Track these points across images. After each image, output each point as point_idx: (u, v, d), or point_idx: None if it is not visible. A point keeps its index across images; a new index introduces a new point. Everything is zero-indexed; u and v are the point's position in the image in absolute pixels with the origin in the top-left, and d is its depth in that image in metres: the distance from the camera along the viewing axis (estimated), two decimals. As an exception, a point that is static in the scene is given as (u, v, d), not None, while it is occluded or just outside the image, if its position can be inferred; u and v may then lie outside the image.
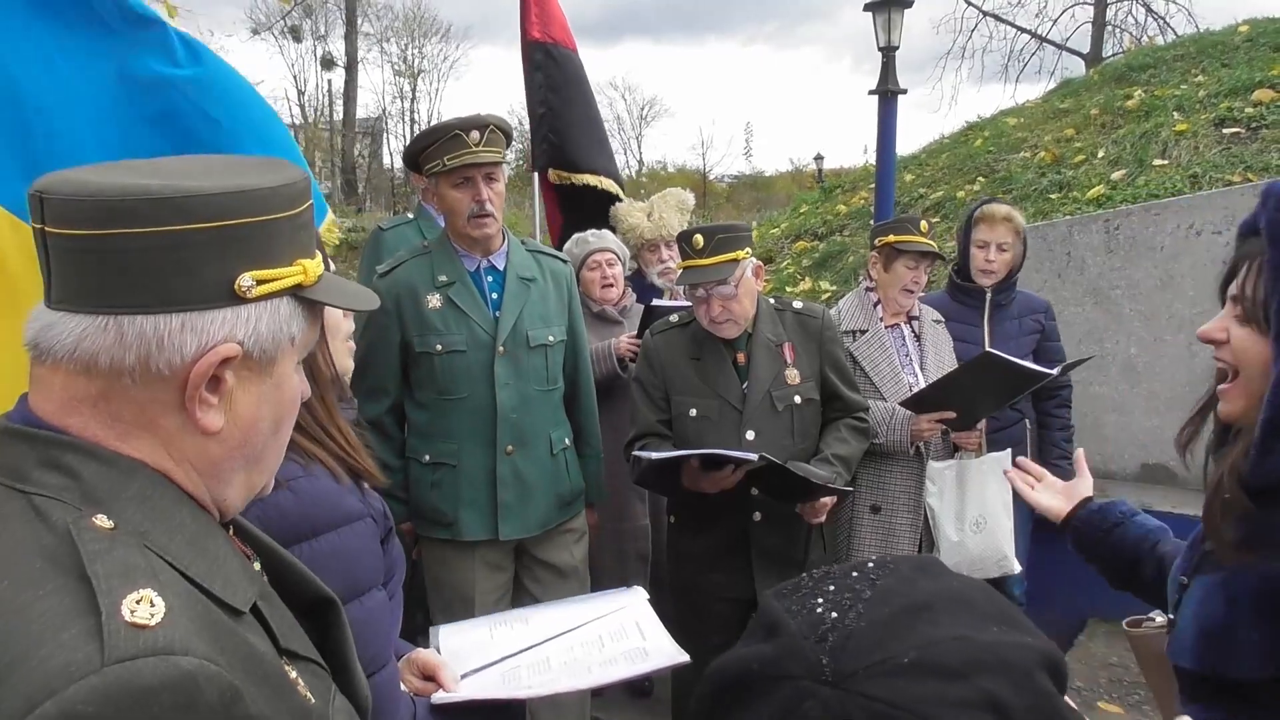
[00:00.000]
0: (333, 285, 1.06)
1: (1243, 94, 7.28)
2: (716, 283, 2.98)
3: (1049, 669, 0.73)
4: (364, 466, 1.64)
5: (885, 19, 6.93)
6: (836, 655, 0.69)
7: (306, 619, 1.11)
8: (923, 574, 0.78)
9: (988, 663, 0.69)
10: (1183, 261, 4.81)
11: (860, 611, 0.72)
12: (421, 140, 3.15)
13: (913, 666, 0.68)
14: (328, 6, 40.41)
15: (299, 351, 1.04)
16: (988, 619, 0.74)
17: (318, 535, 1.54)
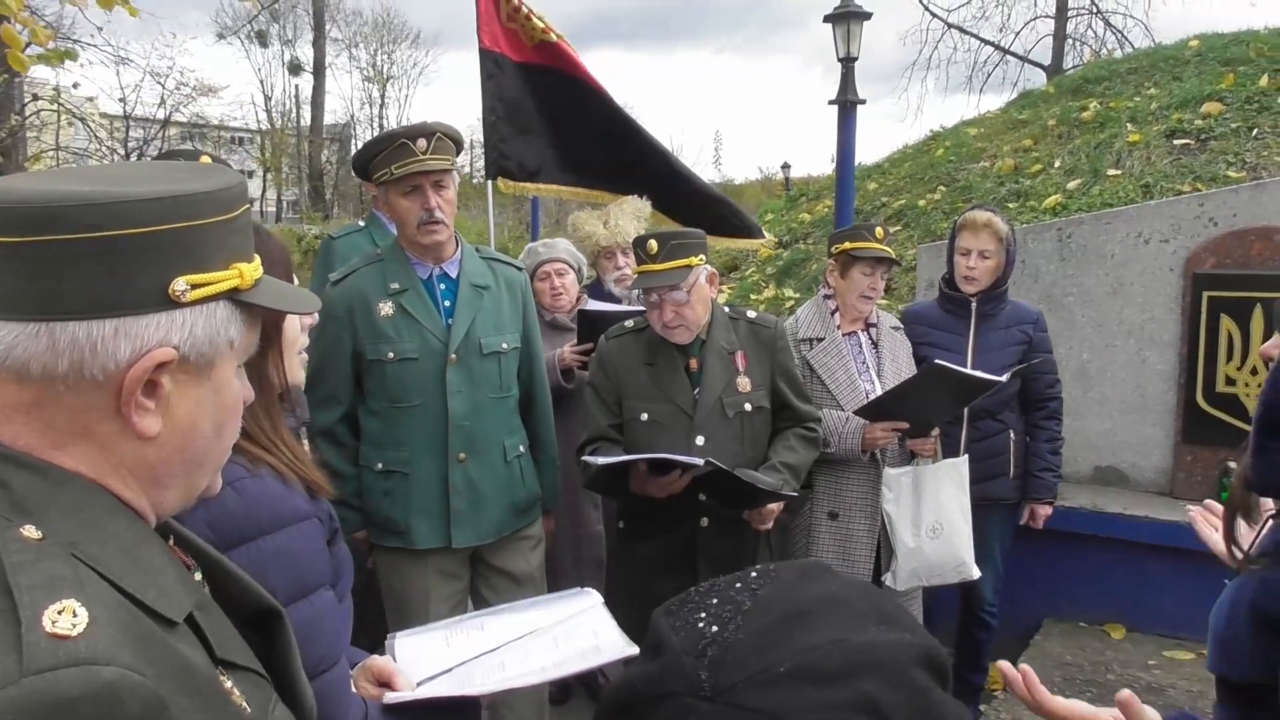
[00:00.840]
0: (271, 289, 1.07)
1: (1193, 106, 7.43)
2: (669, 288, 3.02)
3: (927, 664, 0.74)
4: (310, 477, 1.64)
5: (845, 30, 7.01)
6: (715, 669, 0.70)
7: (251, 629, 1.11)
8: (804, 579, 0.79)
9: (864, 664, 0.70)
10: (1132, 269, 4.90)
11: (739, 624, 0.73)
12: (369, 149, 3.15)
13: (790, 675, 0.69)
14: (295, 11, 40.25)
15: (239, 355, 1.04)
16: (866, 619, 0.75)
17: (264, 535, 1.54)
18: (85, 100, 23.93)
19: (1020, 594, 4.37)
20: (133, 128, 28.13)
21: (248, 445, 1.55)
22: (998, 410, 3.96)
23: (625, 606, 3.46)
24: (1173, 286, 4.79)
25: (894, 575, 3.59)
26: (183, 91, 27.35)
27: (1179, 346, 4.78)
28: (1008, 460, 3.99)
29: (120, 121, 27.35)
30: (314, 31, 40.28)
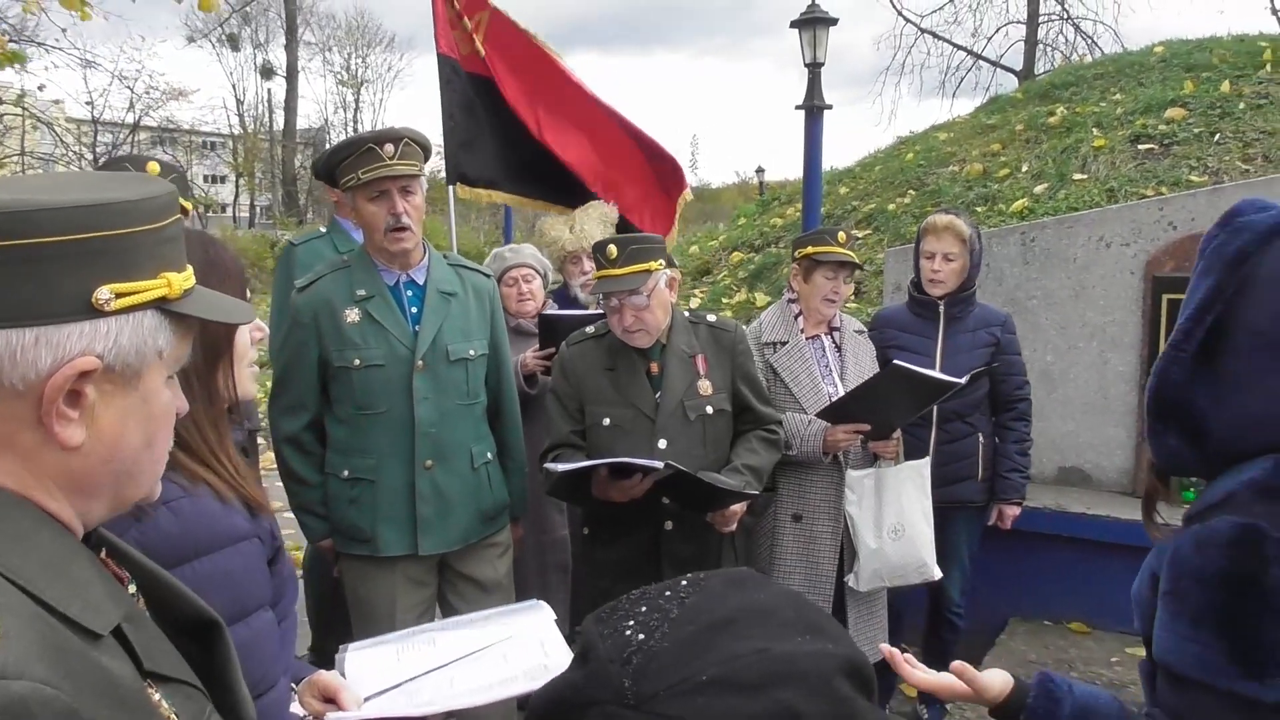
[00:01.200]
0: (203, 299, 1.05)
1: (1156, 112, 7.54)
2: (629, 292, 3.04)
3: (849, 674, 0.74)
4: (251, 494, 1.61)
5: (811, 35, 7.06)
6: (638, 678, 0.71)
7: (190, 640, 1.10)
8: (732, 588, 0.79)
9: (785, 674, 0.71)
10: (1094, 272, 4.97)
11: (665, 632, 0.73)
12: (336, 153, 3.15)
13: (711, 684, 0.69)
14: (267, 15, 40.04)
15: (169, 365, 1.03)
16: (791, 629, 0.75)
17: (201, 556, 1.51)
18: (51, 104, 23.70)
19: (986, 594, 4.42)
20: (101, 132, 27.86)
21: (188, 461, 1.53)
22: (967, 413, 4.00)
23: (590, 612, 3.49)
24: (1134, 289, 4.87)
25: (856, 576, 3.63)
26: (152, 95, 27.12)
27: (1140, 348, 4.85)
28: (976, 463, 4.03)
29: (88, 126, 27.09)
30: (286, 35, 40.10)
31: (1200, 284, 1.52)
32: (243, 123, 42.80)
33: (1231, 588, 1.40)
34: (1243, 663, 1.40)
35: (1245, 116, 7.13)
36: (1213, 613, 1.41)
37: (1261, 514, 1.40)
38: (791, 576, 3.60)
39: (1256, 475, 1.44)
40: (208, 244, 1.70)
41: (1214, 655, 1.41)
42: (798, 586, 3.58)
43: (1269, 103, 7.26)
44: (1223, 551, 1.41)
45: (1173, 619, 1.47)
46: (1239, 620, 1.40)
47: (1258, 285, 1.46)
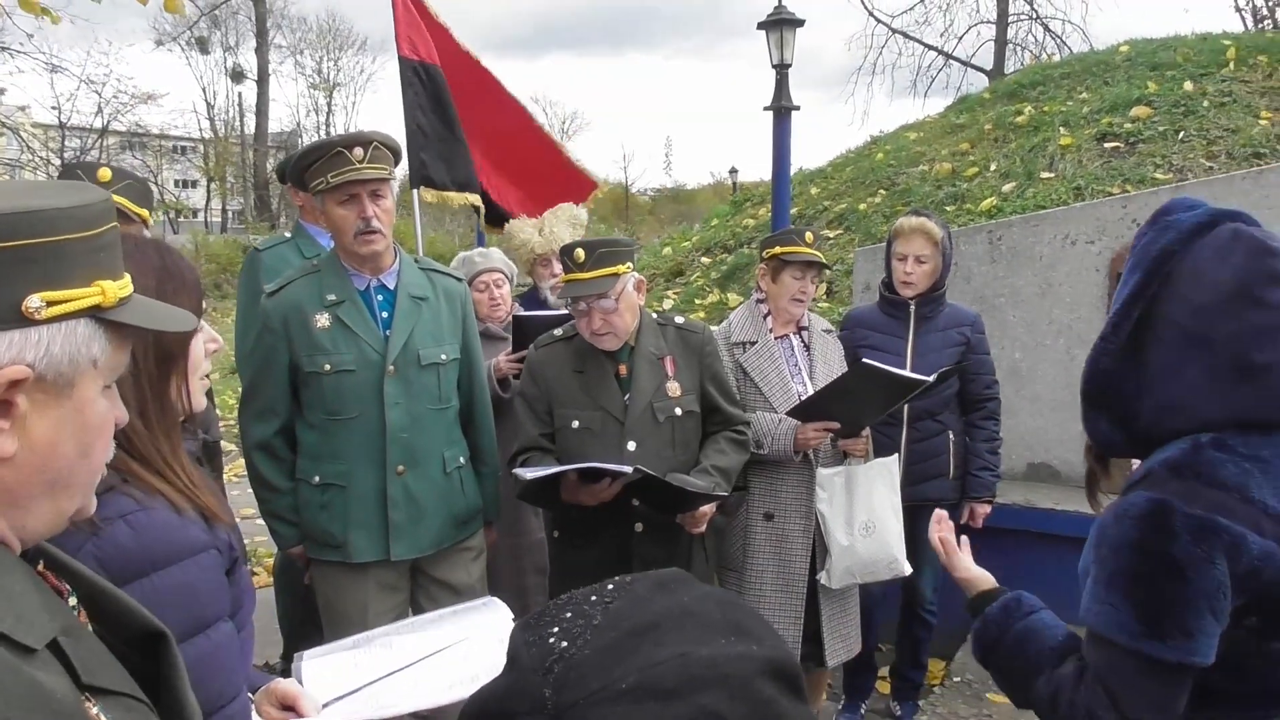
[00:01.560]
0: (140, 307, 1.03)
1: (1122, 110, 7.63)
2: (597, 296, 3.05)
3: (773, 675, 0.74)
4: (206, 504, 1.59)
5: (778, 37, 7.09)
6: (559, 687, 0.70)
7: (137, 652, 1.09)
8: (660, 591, 0.79)
9: (705, 678, 0.70)
10: (1060, 270, 5.03)
11: (587, 639, 0.73)
12: (305, 157, 3.13)
13: (630, 691, 0.69)
14: (237, 18, 39.76)
15: (105, 374, 1.01)
16: (715, 631, 0.75)
17: (158, 569, 1.49)
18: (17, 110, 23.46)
19: (957, 591, 4.38)
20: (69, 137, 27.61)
21: (142, 472, 1.52)
22: (937, 411, 4.03)
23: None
24: (1099, 287, 4.93)
25: (829, 574, 3.65)
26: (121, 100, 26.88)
27: (1107, 345, 4.91)
28: (947, 461, 4.06)
29: (55, 131, 26.83)
30: (256, 38, 39.80)
31: (1129, 279, 1.64)
32: (213, 127, 42.52)
33: (1140, 556, 1.54)
34: (1146, 623, 1.53)
35: (1209, 114, 7.22)
36: (1122, 577, 1.55)
37: (1173, 491, 1.53)
38: (764, 575, 3.62)
39: (1172, 454, 1.57)
40: (164, 252, 1.68)
41: (1121, 616, 1.55)
42: (770, 584, 3.61)
43: (1232, 100, 7.36)
44: (1135, 523, 1.54)
45: (1093, 583, 1.61)
46: (1145, 585, 1.53)
47: (1180, 281, 1.58)
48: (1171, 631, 1.51)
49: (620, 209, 40.44)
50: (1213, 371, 1.56)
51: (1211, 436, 1.56)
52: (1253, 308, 1.54)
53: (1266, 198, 4.59)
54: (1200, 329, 1.56)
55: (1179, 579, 1.50)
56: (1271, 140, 6.72)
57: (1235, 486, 1.52)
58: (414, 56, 4.82)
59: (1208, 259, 1.58)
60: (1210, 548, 1.48)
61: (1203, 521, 1.49)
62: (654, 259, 10.72)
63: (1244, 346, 1.54)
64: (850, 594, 3.81)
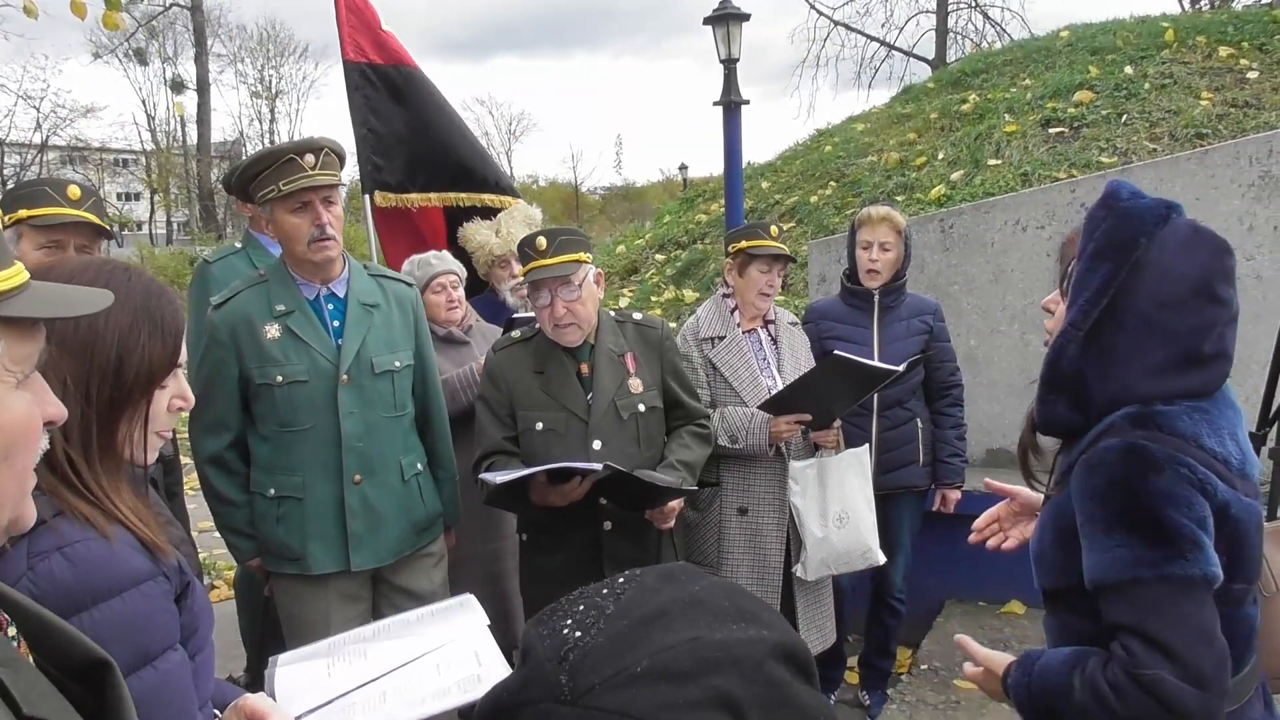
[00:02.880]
0: (38, 296, 0.97)
1: (1065, 95, 7.72)
2: (561, 281, 3.02)
3: (784, 658, 0.75)
4: (151, 539, 1.52)
5: (725, 32, 7.09)
6: (574, 674, 0.71)
7: (79, 683, 1.04)
8: (667, 582, 0.80)
9: (718, 660, 0.71)
10: (1012, 256, 5.07)
11: (600, 628, 0.74)
12: (254, 166, 3.07)
13: (645, 675, 0.70)
14: (174, 28, 39.20)
15: (10, 371, 0.95)
16: (724, 618, 0.76)
17: (99, 602, 1.42)
18: (-48, 127, 22.99)
19: (922, 577, 4.48)
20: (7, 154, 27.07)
21: (79, 504, 1.45)
22: (905, 399, 4.06)
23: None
24: (1050, 271, 4.97)
25: (804, 566, 3.66)
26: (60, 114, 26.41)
27: (1056, 325, 4.95)
28: (917, 448, 4.10)
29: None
30: (195, 48, 39.24)
31: (1097, 266, 1.67)
32: (155, 138, 41.88)
33: (1128, 490, 1.58)
34: (1160, 547, 1.54)
35: (1150, 97, 7.33)
36: (1120, 516, 1.59)
37: (1141, 436, 1.59)
38: (739, 569, 3.62)
39: (1130, 410, 1.64)
40: (151, 294, 1.58)
41: (1135, 550, 1.56)
42: (746, 579, 3.61)
43: (1173, 82, 7.47)
44: (1116, 463, 1.59)
45: (1090, 541, 1.63)
46: (1144, 513, 1.56)
47: (1145, 271, 1.63)
48: (1187, 547, 1.53)
49: (570, 208, 40.39)
50: (1168, 359, 1.64)
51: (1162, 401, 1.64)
52: (1211, 303, 1.63)
53: (1212, 178, 4.66)
54: (1163, 320, 1.62)
55: (1171, 504, 1.54)
56: (1213, 120, 6.82)
57: (1190, 435, 1.60)
58: (360, 59, 4.72)
59: (1173, 252, 1.63)
60: (1185, 481, 1.55)
61: (1173, 456, 1.56)
62: (608, 257, 10.69)
63: (1198, 340, 1.63)
64: (824, 585, 3.82)
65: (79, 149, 32.08)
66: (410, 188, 4.79)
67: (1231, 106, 6.98)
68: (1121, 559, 1.57)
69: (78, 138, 29.88)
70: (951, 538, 4.62)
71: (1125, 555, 1.56)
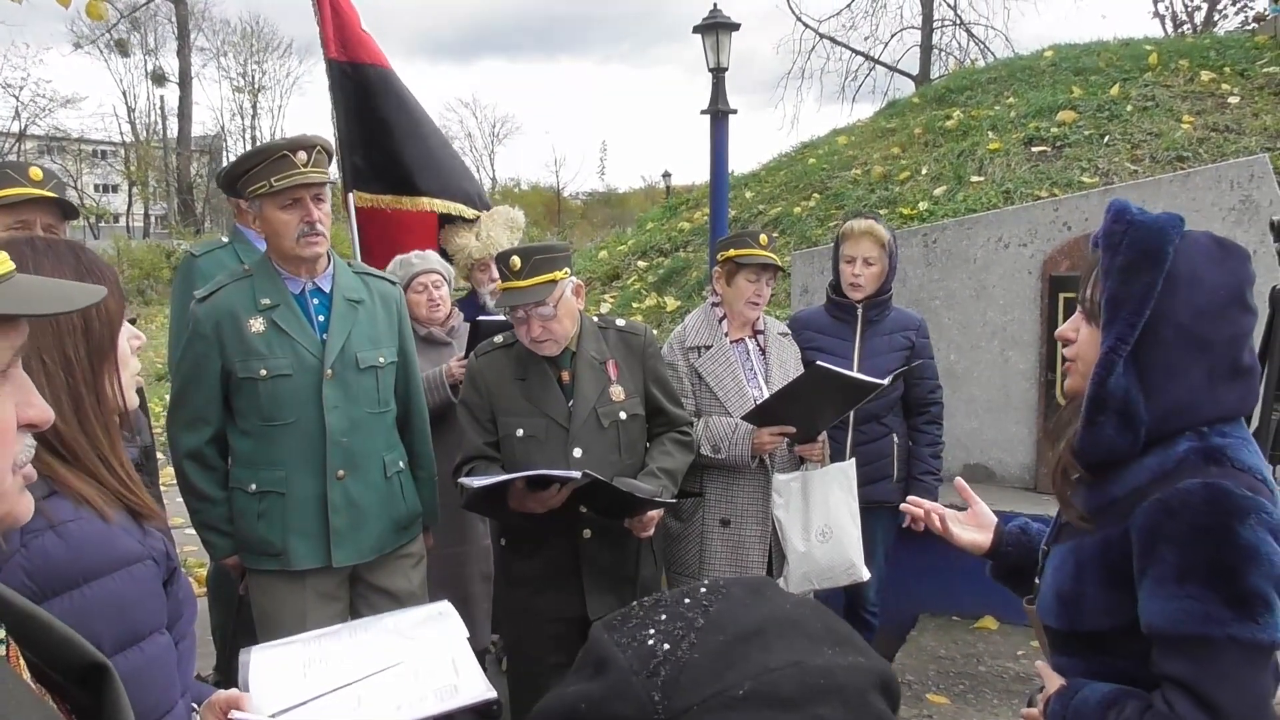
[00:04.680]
0: (14, 292, 0.92)
1: (1048, 115, 7.78)
2: (535, 304, 3.01)
3: (883, 689, 0.73)
4: (143, 503, 1.54)
5: (714, 40, 7.11)
6: (669, 691, 0.67)
7: (77, 685, 1.02)
8: (756, 597, 0.76)
9: (822, 688, 0.69)
10: (993, 272, 5.10)
11: (693, 641, 0.70)
12: (246, 162, 3.07)
13: (748, 698, 0.66)
14: (157, 19, 38.93)
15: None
16: (821, 641, 0.73)
17: (89, 581, 1.44)
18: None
19: (896, 591, 4.49)
20: (-16, 143, 26.82)
21: (70, 477, 1.45)
22: (882, 414, 4.05)
23: (506, 625, 3.44)
24: (1031, 288, 5.01)
25: (786, 580, 3.64)
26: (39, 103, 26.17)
27: (1039, 346, 4.99)
28: (892, 463, 4.09)
29: (-30, 136, 26.05)
30: (178, 40, 38.96)
31: (1132, 280, 1.62)
32: (134, 130, 41.55)
33: (1211, 540, 1.51)
34: (1235, 607, 1.49)
35: (1133, 118, 7.40)
36: (1196, 567, 1.52)
37: (1217, 475, 1.54)
38: None
39: (1195, 445, 1.59)
40: (78, 251, 1.62)
41: (1206, 605, 1.50)
42: None
43: (1155, 105, 7.55)
44: (1198, 509, 1.52)
45: (1157, 585, 1.56)
46: (1224, 569, 1.50)
47: (1180, 284, 1.60)
48: (1260, 610, 1.48)
49: (552, 212, 40.35)
50: (1212, 373, 1.61)
51: (1210, 427, 1.61)
52: (1244, 312, 1.62)
53: (1193, 200, 4.71)
54: (1201, 332, 1.60)
55: (1254, 559, 1.49)
56: (1194, 144, 6.89)
57: (1255, 469, 1.57)
58: (341, 58, 4.68)
59: (1202, 262, 1.61)
60: (1266, 529, 1.50)
61: (1256, 503, 1.52)
62: (589, 263, 10.69)
63: (1238, 349, 1.62)
64: (803, 601, 3.80)
65: (57, 139, 31.78)
66: (385, 189, 4.74)
67: (1212, 130, 7.06)
68: (1192, 612, 1.51)
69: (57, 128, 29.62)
70: (925, 552, 4.64)
71: (1196, 609, 1.50)
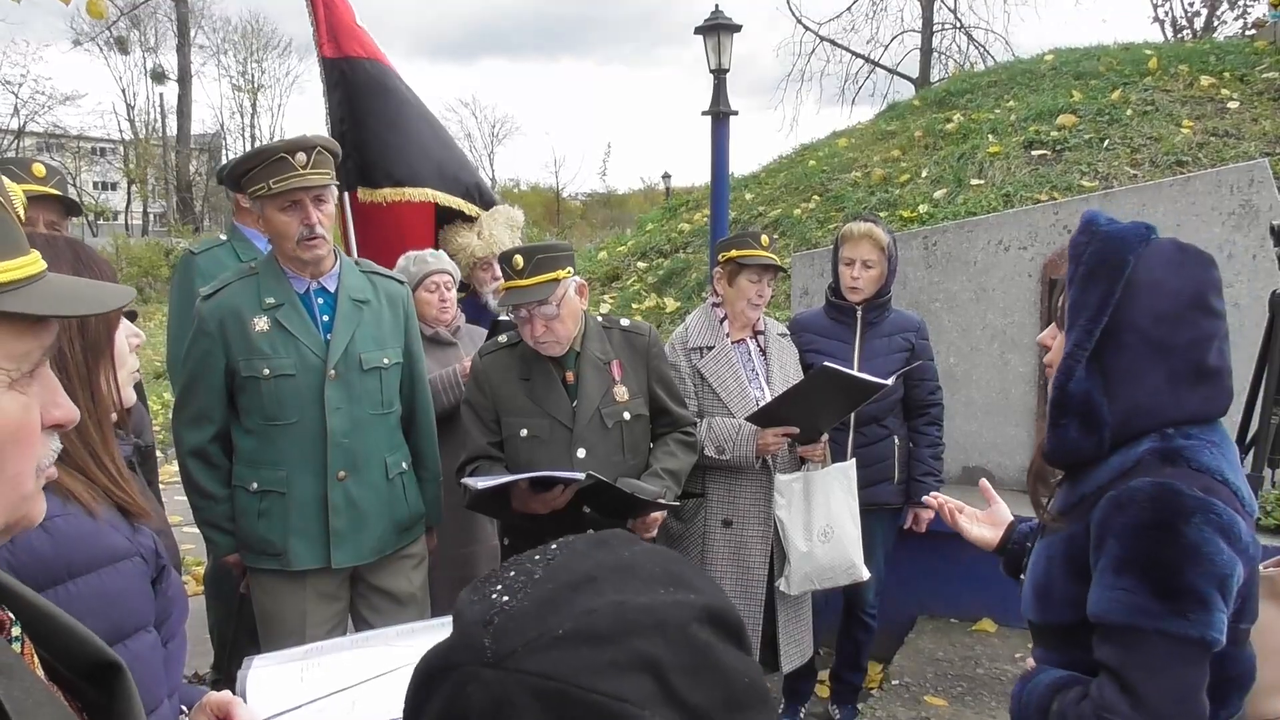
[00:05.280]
0: (38, 292, 0.89)
1: (1048, 118, 7.79)
2: (537, 303, 3.01)
3: (710, 621, 0.75)
4: (132, 501, 1.54)
5: (715, 42, 7.11)
6: (498, 637, 0.71)
7: (90, 684, 1.00)
8: (598, 547, 0.79)
9: (641, 624, 0.71)
10: (993, 275, 5.11)
11: (528, 592, 0.74)
12: (245, 163, 3.05)
13: (567, 637, 0.70)
14: (157, 17, 38.91)
15: (6, 370, 0.89)
16: (655, 583, 0.75)
17: (75, 577, 1.44)
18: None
19: (894, 593, 4.50)
20: (-18, 139, 26.80)
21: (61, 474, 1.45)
22: (882, 416, 4.05)
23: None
24: (1031, 292, 5.01)
25: (788, 580, 3.65)
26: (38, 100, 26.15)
27: (1038, 349, 4.99)
28: (892, 465, 4.09)
29: (-31, 132, 26.02)
30: (178, 38, 38.96)
31: (1091, 288, 1.69)
32: (134, 128, 41.53)
33: (1153, 536, 1.57)
34: (1166, 600, 1.54)
35: (1133, 123, 7.41)
36: (1134, 560, 1.58)
37: (1170, 475, 1.59)
38: (722, 582, 3.61)
39: (1155, 445, 1.64)
40: (77, 247, 1.62)
41: (1139, 598, 1.56)
42: (728, 591, 3.59)
43: (1155, 109, 7.56)
44: (1143, 506, 1.58)
45: (1099, 576, 1.63)
46: (1160, 564, 1.56)
47: (1140, 290, 1.66)
48: (1192, 607, 1.53)
49: (551, 212, 40.36)
50: (1173, 375, 1.65)
51: (1175, 429, 1.66)
52: (1206, 316, 1.67)
53: (1193, 205, 4.71)
54: (1162, 336, 1.65)
55: (1193, 557, 1.53)
56: (1193, 148, 6.91)
57: (1213, 470, 1.61)
58: (337, 55, 4.66)
59: (1162, 269, 1.67)
60: (1214, 529, 1.54)
61: (1205, 503, 1.55)
62: (589, 263, 10.70)
63: (1200, 352, 1.66)
64: (805, 600, 3.83)
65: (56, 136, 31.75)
66: (385, 183, 4.72)
67: (1212, 135, 7.07)
68: (1122, 601, 1.57)
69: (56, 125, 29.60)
70: (925, 554, 4.67)
71: (1128, 599, 1.57)
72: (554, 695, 0.67)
